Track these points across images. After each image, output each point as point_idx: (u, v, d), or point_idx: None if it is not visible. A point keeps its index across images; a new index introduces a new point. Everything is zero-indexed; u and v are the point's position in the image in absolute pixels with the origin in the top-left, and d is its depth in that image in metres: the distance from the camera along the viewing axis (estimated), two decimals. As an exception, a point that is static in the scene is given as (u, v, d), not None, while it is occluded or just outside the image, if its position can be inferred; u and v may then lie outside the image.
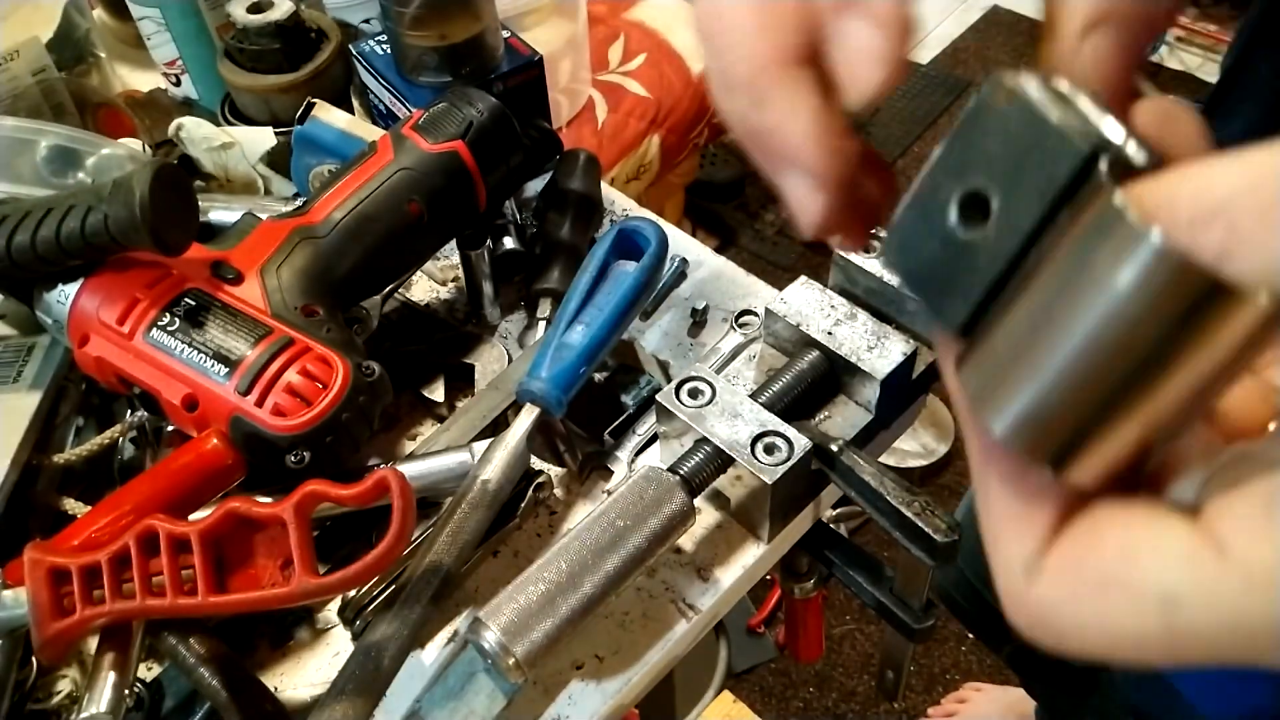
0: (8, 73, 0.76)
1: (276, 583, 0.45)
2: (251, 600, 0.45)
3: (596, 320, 0.56)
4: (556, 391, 0.54)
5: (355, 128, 0.70)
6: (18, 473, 0.56)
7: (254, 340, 0.53)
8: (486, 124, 0.62)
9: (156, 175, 0.52)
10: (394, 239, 0.60)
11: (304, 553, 0.45)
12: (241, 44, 0.75)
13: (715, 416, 0.52)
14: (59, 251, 0.52)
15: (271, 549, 0.46)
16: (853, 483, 0.50)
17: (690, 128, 1.62)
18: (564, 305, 0.57)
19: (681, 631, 0.52)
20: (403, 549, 0.45)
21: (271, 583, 0.45)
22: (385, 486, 0.45)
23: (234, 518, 0.46)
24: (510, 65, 0.74)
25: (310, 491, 0.45)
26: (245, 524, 0.46)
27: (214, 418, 0.52)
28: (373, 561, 0.44)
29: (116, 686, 0.46)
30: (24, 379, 0.60)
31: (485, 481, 0.53)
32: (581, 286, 0.57)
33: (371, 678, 0.47)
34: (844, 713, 1.61)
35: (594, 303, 0.57)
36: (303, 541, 0.45)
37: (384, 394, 0.56)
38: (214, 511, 0.46)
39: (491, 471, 0.53)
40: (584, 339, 0.55)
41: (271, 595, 0.45)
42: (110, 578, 0.45)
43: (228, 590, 0.46)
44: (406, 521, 0.45)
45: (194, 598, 0.45)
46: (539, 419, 0.55)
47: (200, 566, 0.45)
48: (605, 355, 0.57)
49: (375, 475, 0.45)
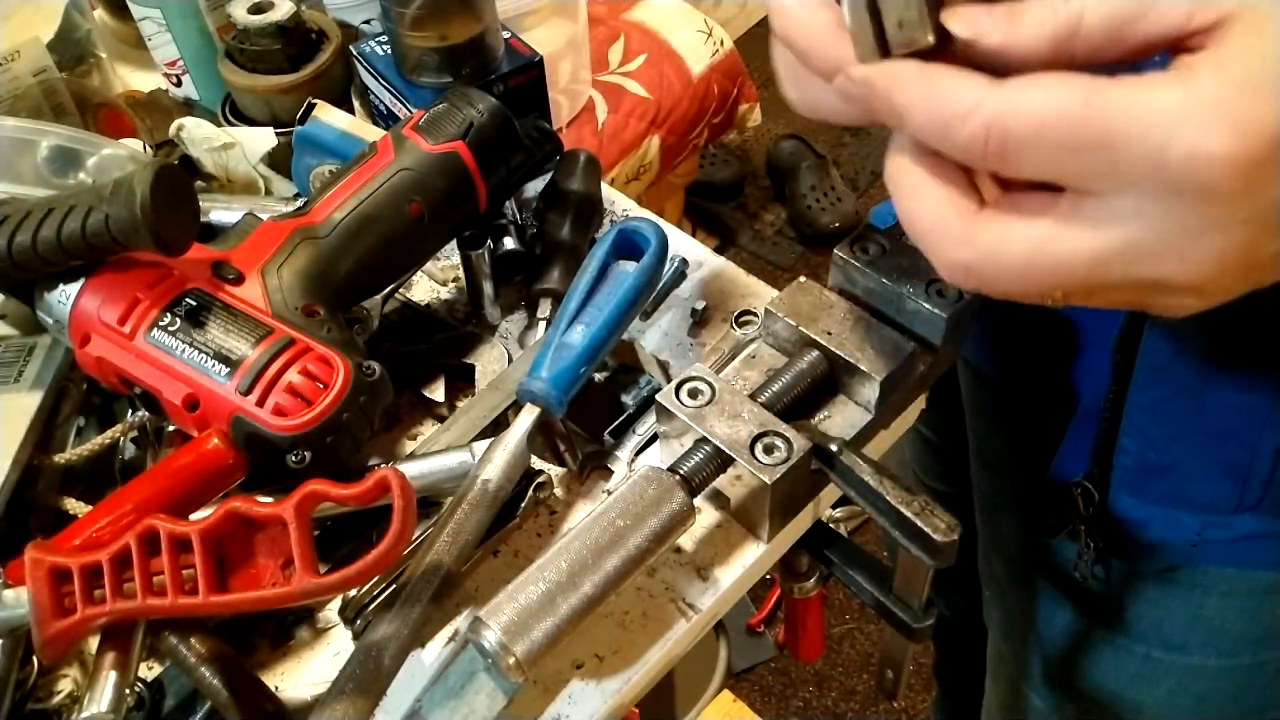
0: (9, 73, 0.76)
1: (277, 582, 0.45)
2: (252, 600, 0.46)
3: (596, 320, 0.56)
4: (557, 392, 0.54)
5: (356, 128, 0.70)
6: (18, 473, 0.56)
7: (255, 340, 0.53)
8: (487, 124, 0.62)
9: (157, 176, 0.52)
10: (394, 239, 0.60)
11: (305, 552, 0.45)
12: (242, 45, 0.76)
13: (715, 416, 0.52)
14: (60, 252, 0.52)
15: (272, 549, 0.46)
16: (852, 482, 0.51)
17: (690, 128, 1.62)
18: (564, 305, 0.57)
19: (681, 631, 0.52)
20: (403, 549, 0.45)
21: (272, 582, 0.45)
22: (386, 486, 0.45)
23: (235, 517, 0.46)
24: (510, 66, 0.74)
25: (311, 491, 0.45)
26: (246, 524, 0.46)
27: (215, 418, 0.53)
28: (374, 561, 0.44)
29: (117, 686, 0.46)
30: (25, 379, 0.60)
31: (485, 481, 0.53)
32: (582, 287, 0.58)
33: (372, 677, 0.47)
34: (843, 712, 1.61)
35: (594, 303, 0.57)
36: (303, 541, 0.45)
37: (385, 394, 0.56)
38: (215, 511, 0.46)
39: (492, 471, 0.53)
40: (584, 339, 0.55)
41: (272, 595, 0.45)
42: (111, 577, 0.45)
43: (229, 590, 0.46)
44: (407, 521, 0.45)
45: (195, 597, 0.45)
46: (539, 419, 0.55)
47: (201, 566, 0.45)
48: (605, 355, 0.57)
49: (376, 475, 0.45)
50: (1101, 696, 0.73)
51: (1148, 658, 0.68)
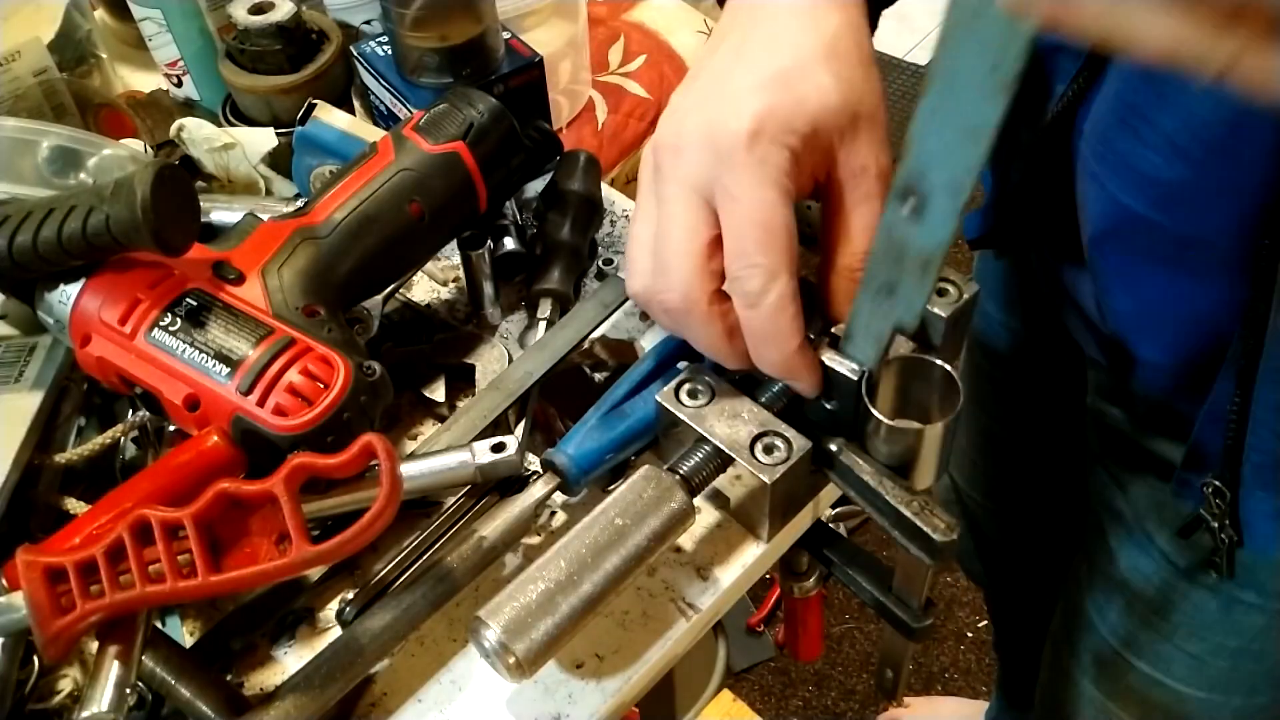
0: (9, 73, 0.76)
1: (274, 557, 0.45)
2: (252, 575, 0.45)
3: (639, 414, 0.56)
4: (577, 470, 0.54)
5: (356, 129, 0.70)
6: (19, 473, 0.56)
7: (255, 340, 0.53)
8: (487, 125, 0.62)
9: (158, 176, 0.52)
10: (394, 240, 0.60)
11: (298, 524, 0.45)
12: (243, 45, 0.76)
13: (715, 416, 0.52)
14: (60, 252, 0.52)
15: (265, 526, 0.46)
16: (852, 482, 0.51)
17: (690, 128, 1.62)
18: (615, 387, 0.57)
19: (681, 631, 0.53)
20: (393, 512, 0.46)
21: (269, 557, 0.45)
22: (371, 452, 0.46)
23: (225, 498, 0.46)
24: (511, 66, 0.74)
25: (299, 464, 0.46)
26: (237, 506, 0.46)
27: (215, 417, 0.53)
28: (367, 524, 0.45)
29: (118, 685, 0.46)
30: (25, 379, 0.60)
31: (482, 538, 0.53)
32: (635, 375, 0.57)
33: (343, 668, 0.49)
34: (843, 711, 1.61)
35: (643, 396, 0.56)
36: (295, 513, 0.45)
37: (385, 394, 0.56)
38: (204, 494, 0.46)
39: (493, 533, 0.53)
40: (621, 427, 0.55)
41: (272, 568, 0.45)
42: (107, 570, 0.45)
43: (227, 569, 0.46)
44: (394, 484, 0.45)
45: (194, 579, 0.45)
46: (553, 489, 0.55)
47: (197, 548, 0.45)
48: (637, 447, 0.57)
49: (360, 441, 0.46)
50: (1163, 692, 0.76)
51: None
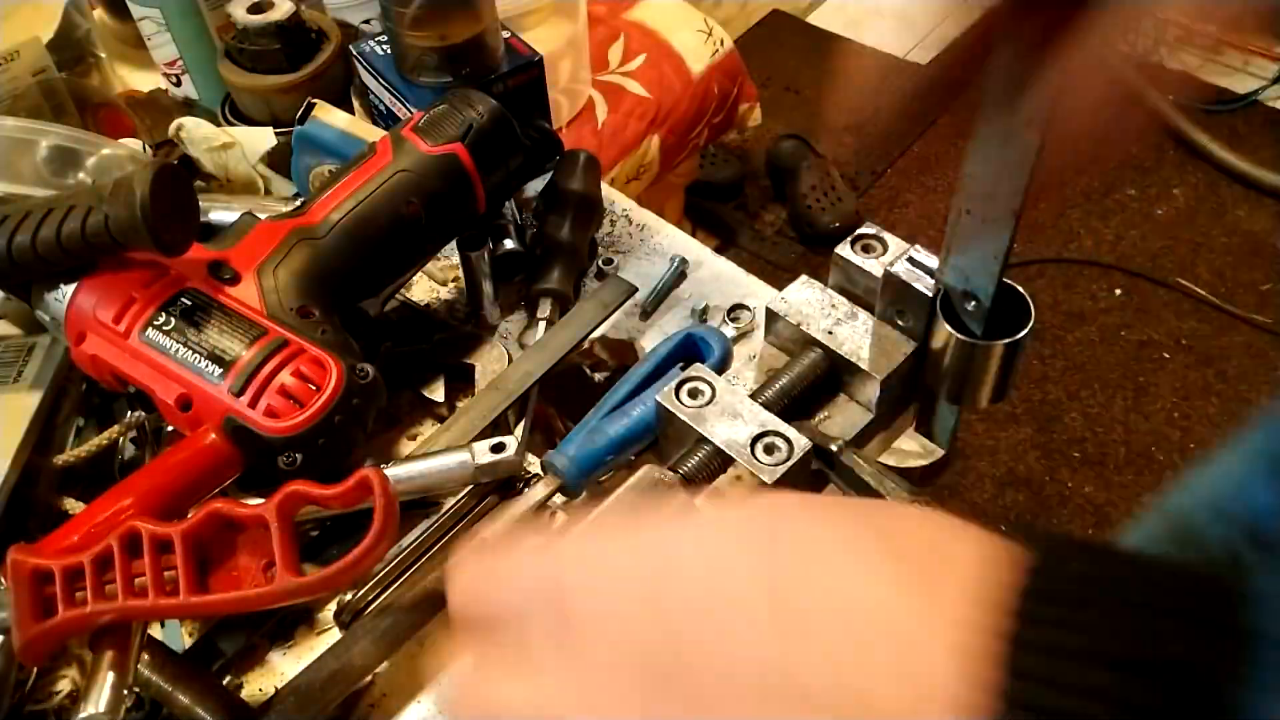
0: (8, 73, 0.76)
1: (259, 583, 0.45)
2: (233, 600, 0.45)
3: (638, 417, 0.56)
4: (576, 471, 0.54)
5: (355, 128, 0.70)
6: (18, 473, 0.56)
7: (249, 341, 0.53)
8: (486, 127, 0.62)
9: (157, 175, 0.52)
10: (392, 241, 0.60)
11: (286, 553, 0.45)
12: (242, 44, 0.76)
13: (715, 416, 0.51)
14: (59, 251, 0.52)
15: (254, 550, 0.46)
16: (853, 483, 0.50)
17: (690, 128, 1.62)
18: (615, 389, 0.57)
19: (681, 631, 0.52)
20: (385, 549, 0.45)
21: (254, 583, 0.45)
22: (368, 487, 0.45)
23: (217, 518, 0.46)
24: (510, 66, 0.74)
25: (292, 492, 0.45)
26: (228, 525, 0.46)
27: (207, 418, 0.52)
28: (353, 560, 0.44)
29: (115, 687, 0.45)
30: (25, 378, 0.60)
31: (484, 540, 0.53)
32: (634, 378, 0.57)
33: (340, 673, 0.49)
34: (844, 713, 1.61)
35: (643, 397, 0.56)
36: (285, 542, 0.45)
37: (378, 397, 0.56)
38: (197, 512, 0.46)
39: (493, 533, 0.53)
40: (620, 431, 0.55)
41: (253, 595, 0.45)
42: (93, 578, 0.45)
43: (210, 590, 0.45)
44: (388, 521, 0.45)
45: (175, 598, 0.45)
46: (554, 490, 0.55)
47: (182, 567, 0.45)
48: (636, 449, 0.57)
49: (357, 475, 0.45)
50: None
51: None
